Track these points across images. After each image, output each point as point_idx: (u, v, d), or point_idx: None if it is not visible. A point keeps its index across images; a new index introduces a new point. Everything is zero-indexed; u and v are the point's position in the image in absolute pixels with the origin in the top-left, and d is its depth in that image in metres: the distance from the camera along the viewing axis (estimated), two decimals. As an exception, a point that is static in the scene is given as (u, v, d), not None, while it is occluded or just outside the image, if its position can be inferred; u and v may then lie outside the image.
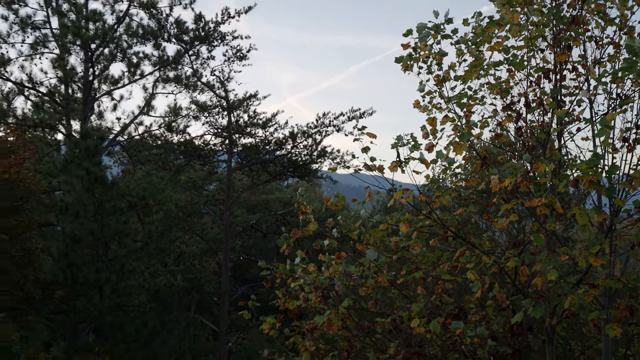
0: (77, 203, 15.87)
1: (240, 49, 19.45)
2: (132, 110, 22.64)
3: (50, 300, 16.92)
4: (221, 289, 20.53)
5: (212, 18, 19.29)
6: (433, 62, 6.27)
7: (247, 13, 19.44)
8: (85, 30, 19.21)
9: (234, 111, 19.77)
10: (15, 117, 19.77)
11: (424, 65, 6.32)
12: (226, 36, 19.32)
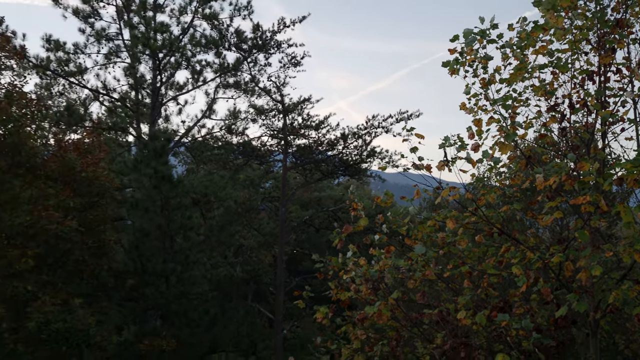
0: (146, 199, 16.22)
1: (295, 56, 19.53)
2: (196, 114, 23.07)
3: (122, 288, 17.35)
4: (277, 280, 20.67)
5: (269, 27, 19.45)
6: (479, 66, 6.16)
7: (302, 22, 19.51)
8: (154, 40, 19.63)
9: (289, 114, 19.86)
10: (92, 121, 20.36)
11: (470, 69, 6.22)
12: (282, 44, 19.44)
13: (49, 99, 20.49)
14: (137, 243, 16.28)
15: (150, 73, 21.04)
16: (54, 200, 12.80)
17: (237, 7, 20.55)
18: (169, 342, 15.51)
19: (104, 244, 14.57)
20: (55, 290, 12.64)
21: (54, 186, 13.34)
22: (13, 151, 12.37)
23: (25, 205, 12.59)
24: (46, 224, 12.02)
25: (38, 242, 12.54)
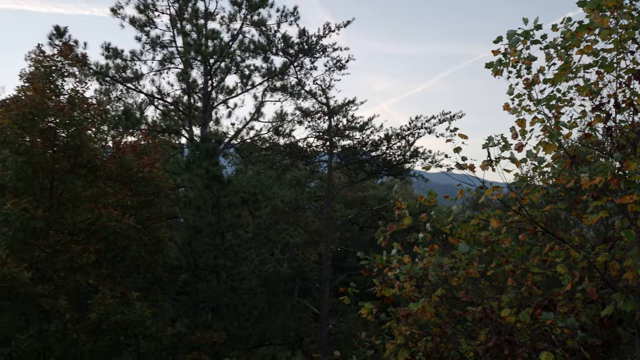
0: (198, 198, 16.48)
1: (339, 59, 19.52)
2: (245, 117, 23.29)
3: (176, 282, 17.68)
4: (322, 276, 20.70)
5: (314, 32, 19.50)
6: (522, 67, 6.02)
7: (346, 27, 19.49)
8: (205, 47, 19.93)
9: (334, 116, 19.85)
10: (147, 124, 20.82)
11: (513, 69, 6.09)
12: (327, 48, 19.44)
13: (108, 104, 21.07)
14: (190, 240, 16.56)
15: (201, 78, 21.39)
16: (113, 198, 13.12)
17: (284, 14, 20.69)
18: (220, 334, 15.71)
19: (159, 241, 14.83)
20: (115, 283, 12.94)
21: (113, 186, 13.68)
22: (75, 153, 12.72)
23: (86, 203, 12.95)
24: (106, 221, 12.31)
25: (98, 238, 12.85)
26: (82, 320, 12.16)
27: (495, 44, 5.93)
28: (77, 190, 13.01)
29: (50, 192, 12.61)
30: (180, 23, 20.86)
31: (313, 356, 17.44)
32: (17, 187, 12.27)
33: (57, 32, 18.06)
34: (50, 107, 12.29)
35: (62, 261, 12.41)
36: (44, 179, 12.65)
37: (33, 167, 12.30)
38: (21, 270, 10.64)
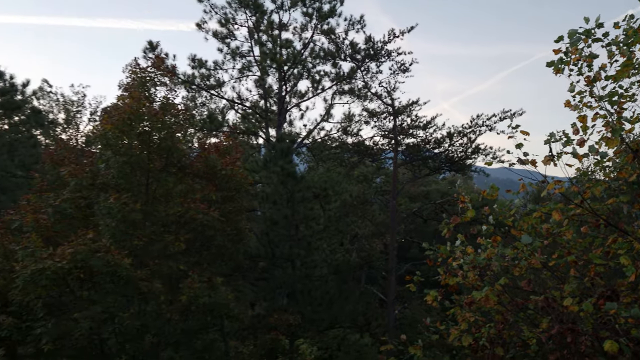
0: (275, 193, 16.73)
1: (403, 63, 19.27)
2: (315, 118, 23.49)
3: (255, 269, 18.01)
4: (388, 265, 20.56)
5: (380, 39, 19.34)
6: (583, 64, 5.75)
7: (410, 32, 19.23)
8: (280, 55, 20.21)
9: (399, 116, 19.63)
10: (228, 127, 21.33)
11: (574, 67, 5.82)
12: (392, 53, 19.24)
13: (194, 109, 21.73)
14: (267, 231, 16.85)
15: (276, 84, 21.72)
16: (200, 194, 13.47)
17: (351, 22, 20.66)
18: (295, 317, 15.89)
19: (240, 232, 15.05)
20: (202, 269, 13.27)
21: (200, 182, 14.05)
22: (167, 153, 13.14)
23: (177, 198, 13.35)
24: (194, 213, 12.63)
25: (188, 229, 13.18)
26: (175, 302, 12.55)
27: (556, 43, 5.70)
28: (169, 187, 13.39)
29: (146, 188, 13.05)
30: (257, 34, 21.22)
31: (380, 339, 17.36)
32: (118, 184, 12.73)
33: (150, 46, 18.83)
34: (145, 113, 12.72)
35: (157, 249, 12.86)
36: (140, 177, 13.09)
37: (131, 166, 12.75)
38: (122, 257, 11.07)
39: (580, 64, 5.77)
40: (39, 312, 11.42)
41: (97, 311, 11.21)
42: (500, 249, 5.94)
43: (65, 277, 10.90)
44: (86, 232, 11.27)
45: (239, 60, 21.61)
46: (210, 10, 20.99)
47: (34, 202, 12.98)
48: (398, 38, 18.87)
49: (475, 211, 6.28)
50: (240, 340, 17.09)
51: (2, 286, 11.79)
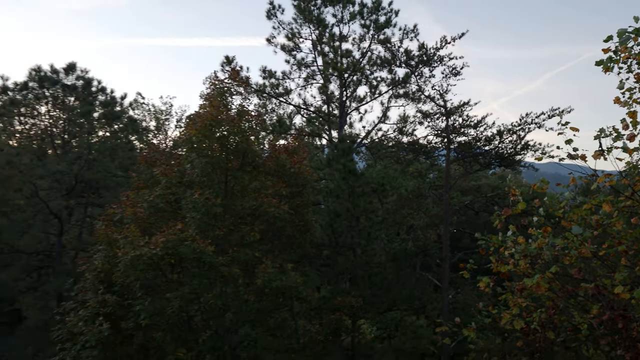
0: (337, 188, 16.76)
1: (455, 67, 18.70)
2: (373, 120, 23.30)
3: (320, 257, 18.10)
4: (442, 253, 20.13)
5: (432, 45, 18.92)
6: (633, 62, 5.42)
7: (461, 38, 18.72)
8: (340, 64, 20.22)
9: (451, 116, 19.13)
10: (295, 129, 21.57)
11: (623, 65, 5.49)
12: (444, 58, 18.73)
13: (265, 115, 22.09)
14: (331, 222, 16.90)
15: (337, 90, 21.72)
16: (271, 189, 13.67)
17: (405, 31, 20.36)
18: (357, 300, 15.86)
19: (307, 223, 15.14)
20: (274, 256, 13.46)
21: (271, 179, 14.25)
22: (243, 154, 13.42)
23: (251, 193, 13.60)
24: (267, 207, 12.82)
25: (261, 221, 13.42)
26: (251, 285, 12.82)
27: (605, 42, 5.40)
28: (245, 183, 13.64)
29: (225, 185, 13.38)
30: (320, 46, 21.30)
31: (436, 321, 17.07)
32: (201, 182, 13.09)
33: (227, 60, 19.29)
34: (224, 119, 13.04)
35: (235, 238, 13.19)
36: (220, 175, 13.42)
37: (212, 166, 13.09)
38: (206, 245, 11.42)
39: (630, 61, 5.44)
40: (138, 292, 11.95)
41: (185, 292, 11.61)
42: (551, 239, 5.69)
43: (158, 262, 11.38)
44: (175, 224, 11.69)
45: (304, 70, 21.76)
46: (278, 27, 21.26)
47: (132, 198, 13.61)
48: (450, 44, 18.39)
49: (525, 204, 6.06)
50: (307, 320, 17.26)
51: (107, 270, 12.45)
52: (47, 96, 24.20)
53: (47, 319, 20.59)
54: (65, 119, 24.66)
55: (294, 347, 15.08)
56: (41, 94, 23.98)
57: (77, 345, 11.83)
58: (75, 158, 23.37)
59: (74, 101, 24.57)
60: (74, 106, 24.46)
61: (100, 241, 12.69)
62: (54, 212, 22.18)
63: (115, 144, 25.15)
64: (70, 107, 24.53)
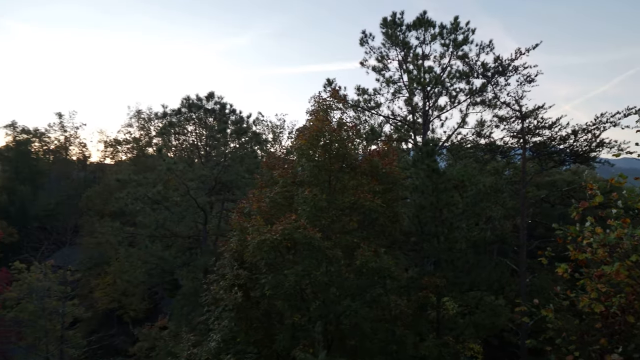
0: (422, 185, 16.28)
1: (529, 75, 17.29)
2: (453, 126, 22.26)
3: (408, 243, 17.73)
4: (520, 241, 18.74)
5: (507, 57, 17.64)
6: None
7: (535, 49, 17.24)
8: (423, 79, 19.60)
9: (526, 119, 17.71)
10: (385, 136, 21.30)
11: None
12: (518, 68, 17.38)
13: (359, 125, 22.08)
14: (417, 214, 16.46)
15: (421, 101, 21.11)
16: (367, 187, 13.63)
17: (481, 47, 19.24)
18: (441, 280, 15.32)
19: (397, 214, 14.91)
20: (369, 242, 13.38)
21: (366, 178, 14.20)
22: (343, 158, 13.52)
23: (350, 190, 13.67)
24: (363, 201, 12.80)
25: (358, 212, 13.43)
26: (351, 265, 12.82)
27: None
28: (344, 182, 13.73)
29: (329, 184, 13.54)
30: (405, 65, 20.85)
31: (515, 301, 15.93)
32: (310, 181, 13.39)
33: (328, 82, 19.57)
34: (327, 130, 13.24)
35: (337, 227, 13.31)
36: (324, 176, 13.58)
37: (318, 168, 13.30)
38: (315, 232, 11.63)
39: None
40: (263, 268, 12.48)
41: (298, 269, 11.91)
42: (631, 229, 5.05)
43: (278, 245, 11.79)
44: (290, 215, 12.06)
45: (392, 86, 21.45)
46: (369, 51, 21.16)
47: (257, 195, 14.28)
48: (524, 55, 17.01)
49: (602, 197, 5.45)
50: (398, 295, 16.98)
51: (239, 250, 13.16)
52: (193, 118, 26.29)
53: (196, 287, 22.35)
54: (207, 135, 26.60)
55: (387, 317, 14.88)
56: (189, 116, 26.10)
57: (219, 308, 12.67)
58: (215, 165, 25.09)
59: (213, 121, 26.42)
60: (212, 125, 26.30)
61: (234, 228, 13.37)
62: (200, 206, 24.01)
63: (243, 153, 26.61)
64: (210, 126, 26.41)
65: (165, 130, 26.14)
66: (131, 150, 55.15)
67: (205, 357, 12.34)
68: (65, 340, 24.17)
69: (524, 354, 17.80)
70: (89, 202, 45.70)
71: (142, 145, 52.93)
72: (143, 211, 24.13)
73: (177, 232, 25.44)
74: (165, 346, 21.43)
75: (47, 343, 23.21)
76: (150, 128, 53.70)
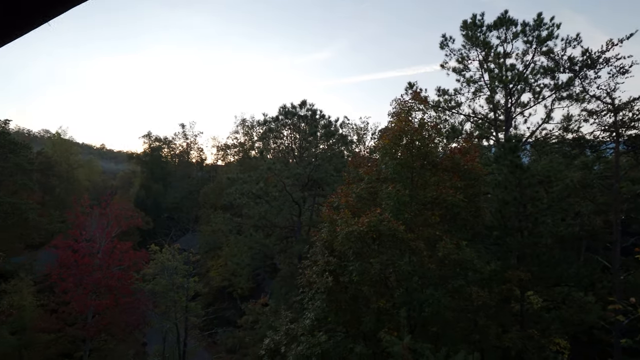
0: (505, 181, 15.14)
1: (622, 66, 15.10)
2: (537, 122, 20.44)
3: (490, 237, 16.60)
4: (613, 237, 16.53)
5: (597, 49, 15.60)
6: None
7: (629, 39, 15.01)
8: (505, 77, 18.17)
9: (620, 112, 15.52)
10: (466, 134, 20.15)
11: None
12: (610, 60, 15.26)
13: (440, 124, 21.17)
14: (500, 209, 15.34)
15: (503, 99, 19.58)
16: (449, 183, 13.07)
17: (567, 41, 17.23)
18: (525, 274, 14.13)
19: (478, 209, 14.12)
20: (451, 235, 12.87)
21: (448, 175, 13.63)
22: (424, 156, 13.12)
23: (432, 186, 13.23)
24: (445, 196, 12.33)
25: (440, 207, 12.93)
26: (433, 256, 12.44)
27: None
28: (426, 179, 13.35)
29: (411, 180, 13.24)
30: (486, 64, 19.50)
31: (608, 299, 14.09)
32: (393, 178, 13.24)
33: (409, 85, 19.03)
34: (409, 130, 12.96)
35: (420, 220, 12.94)
36: (407, 173, 13.34)
37: (401, 166, 13.11)
38: (398, 225, 11.48)
39: None
40: (350, 256, 12.61)
41: (383, 259, 11.85)
42: None
43: (364, 236, 11.83)
44: (375, 209, 12.03)
45: (472, 85, 20.20)
46: (449, 54, 20.13)
47: (344, 191, 14.45)
48: (616, 46, 14.86)
49: None
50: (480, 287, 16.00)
51: (329, 240, 13.42)
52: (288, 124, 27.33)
53: (292, 271, 23.28)
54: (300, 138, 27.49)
55: (469, 308, 14.11)
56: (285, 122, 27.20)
57: (312, 290, 13.07)
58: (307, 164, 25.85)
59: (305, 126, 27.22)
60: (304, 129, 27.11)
61: (324, 220, 13.69)
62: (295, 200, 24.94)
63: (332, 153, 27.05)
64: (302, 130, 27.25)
65: (265, 135, 27.54)
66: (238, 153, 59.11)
67: (300, 332, 12.82)
68: (189, 309, 26.71)
69: (618, 353, 15.69)
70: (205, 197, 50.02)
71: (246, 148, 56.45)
72: (248, 205, 25.73)
73: (275, 223, 26.71)
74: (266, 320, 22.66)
75: (175, 311, 25.85)
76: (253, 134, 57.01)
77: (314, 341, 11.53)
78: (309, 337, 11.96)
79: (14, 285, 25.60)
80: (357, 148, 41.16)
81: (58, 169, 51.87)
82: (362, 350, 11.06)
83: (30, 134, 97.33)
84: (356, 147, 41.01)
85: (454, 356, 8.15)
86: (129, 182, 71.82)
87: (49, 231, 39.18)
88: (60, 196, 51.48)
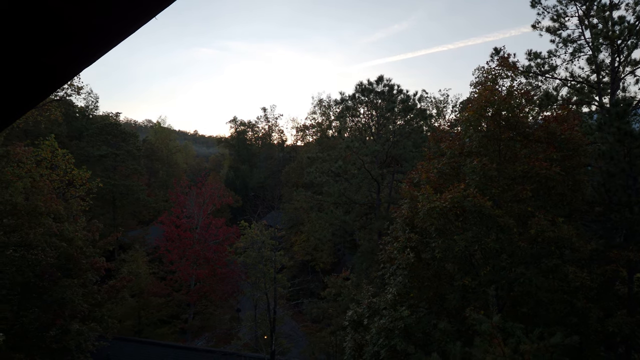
0: (611, 150, 13.32)
1: None
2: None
3: (591, 213, 14.90)
4: None
5: None
6: None
7: None
8: (612, 32, 15.74)
9: None
10: (562, 100, 18.05)
11: None
12: None
13: (532, 91, 19.19)
14: (604, 182, 13.60)
15: (609, 58, 16.99)
16: (542, 155, 11.93)
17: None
18: (634, 254, 12.46)
19: (578, 182, 12.73)
20: (546, 211, 11.82)
21: (541, 146, 12.45)
22: (514, 126, 12.08)
23: (522, 159, 12.21)
24: (538, 170, 11.33)
25: (532, 181, 11.93)
26: (524, 234, 11.61)
27: None
28: (516, 151, 12.37)
29: (499, 153, 12.36)
30: (588, 20, 17.03)
31: None
32: (478, 151, 12.48)
33: (495, 51, 17.43)
34: (495, 100, 12.02)
35: (509, 196, 12.06)
36: (494, 145, 12.48)
37: (487, 138, 12.29)
38: (484, 200, 10.85)
39: None
40: (433, 233, 12.30)
41: (468, 235, 11.35)
42: None
43: (447, 212, 11.43)
44: (459, 184, 11.50)
45: (570, 45, 17.78)
46: (542, 12, 17.91)
47: (425, 166, 14.00)
48: None
49: None
50: (578, 268, 14.53)
51: (410, 216, 13.20)
52: (365, 101, 26.97)
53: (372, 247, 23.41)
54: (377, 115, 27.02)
55: (565, 289, 12.94)
56: (361, 100, 26.87)
57: (393, 266, 13.06)
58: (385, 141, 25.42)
59: (382, 102, 26.63)
60: (382, 105, 26.54)
61: (405, 197, 13.51)
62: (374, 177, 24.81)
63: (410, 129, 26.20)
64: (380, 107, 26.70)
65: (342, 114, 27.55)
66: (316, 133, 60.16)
67: (383, 306, 12.94)
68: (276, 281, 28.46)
69: None
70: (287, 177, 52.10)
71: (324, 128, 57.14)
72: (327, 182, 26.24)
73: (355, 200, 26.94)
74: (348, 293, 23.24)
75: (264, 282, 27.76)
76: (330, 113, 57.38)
77: (397, 315, 11.58)
78: (391, 311, 12.03)
79: (131, 255, 29.55)
80: (436, 122, 39.28)
81: (160, 154, 57.94)
82: (446, 327, 10.84)
83: (135, 124, 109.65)
84: (436, 122, 39.14)
85: (549, 338, 7.59)
86: (219, 164, 77.74)
87: (156, 209, 44.30)
88: (163, 178, 57.69)
